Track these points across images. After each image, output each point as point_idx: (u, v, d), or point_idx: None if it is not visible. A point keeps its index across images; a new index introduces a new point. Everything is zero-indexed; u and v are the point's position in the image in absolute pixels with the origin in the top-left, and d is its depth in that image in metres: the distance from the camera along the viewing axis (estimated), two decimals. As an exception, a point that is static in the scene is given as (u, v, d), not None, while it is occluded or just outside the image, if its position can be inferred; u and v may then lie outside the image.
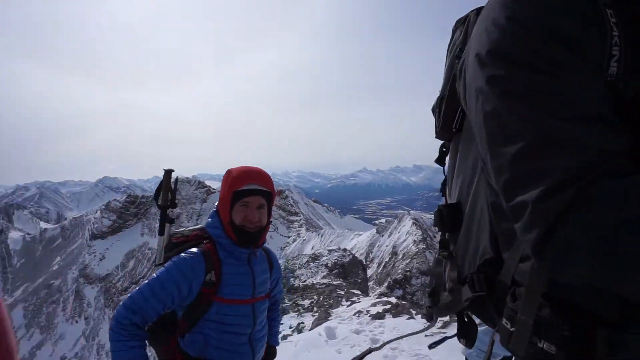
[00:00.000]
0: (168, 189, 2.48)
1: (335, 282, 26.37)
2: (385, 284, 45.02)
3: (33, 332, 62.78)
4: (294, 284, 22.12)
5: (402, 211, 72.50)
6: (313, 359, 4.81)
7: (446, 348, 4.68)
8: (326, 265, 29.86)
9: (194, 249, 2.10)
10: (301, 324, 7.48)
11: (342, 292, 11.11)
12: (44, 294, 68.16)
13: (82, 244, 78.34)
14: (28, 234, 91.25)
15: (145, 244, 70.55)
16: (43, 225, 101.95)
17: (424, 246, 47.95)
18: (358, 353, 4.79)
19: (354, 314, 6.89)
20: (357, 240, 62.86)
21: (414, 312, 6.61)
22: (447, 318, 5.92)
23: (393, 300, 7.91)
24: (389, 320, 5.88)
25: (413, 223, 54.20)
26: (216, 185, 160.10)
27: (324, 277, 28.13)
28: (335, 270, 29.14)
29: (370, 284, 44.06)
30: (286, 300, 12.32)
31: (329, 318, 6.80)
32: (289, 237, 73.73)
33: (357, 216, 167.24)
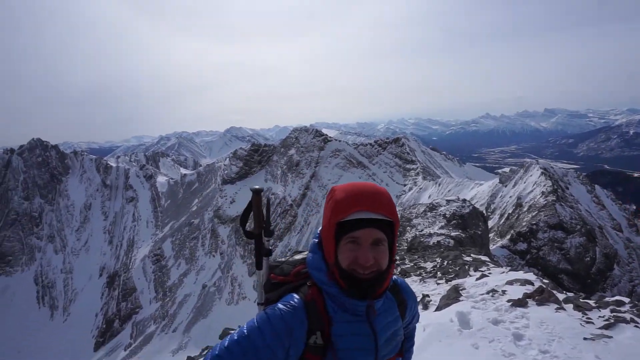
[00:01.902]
0: (259, 212, 1.89)
1: (453, 234, 25.36)
2: (508, 237, 42.38)
3: (180, 262, 72.08)
4: (414, 243, 21.62)
5: (529, 160, 66.08)
6: (446, 352, 4.30)
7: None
8: (444, 215, 28.78)
9: (294, 299, 1.55)
10: (427, 298, 6.98)
11: (469, 259, 10.26)
12: (186, 231, 77.41)
13: (215, 188, 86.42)
14: (171, 178, 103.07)
15: (269, 189, 75.32)
16: (183, 171, 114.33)
17: (554, 198, 43.58)
18: (499, 350, 4.21)
19: (487, 293, 6.15)
20: (478, 190, 59.55)
21: (561, 297, 5.68)
22: (609, 313, 4.96)
23: (531, 277, 6.92)
24: (532, 309, 5.03)
25: (542, 173, 49.46)
26: (332, 133, 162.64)
27: (441, 227, 27.21)
28: (454, 221, 27.98)
29: (490, 235, 41.79)
30: (407, 261, 11.93)
31: (460, 298, 6.15)
32: (404, 185, 72.67)
33: (477, 164, 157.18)
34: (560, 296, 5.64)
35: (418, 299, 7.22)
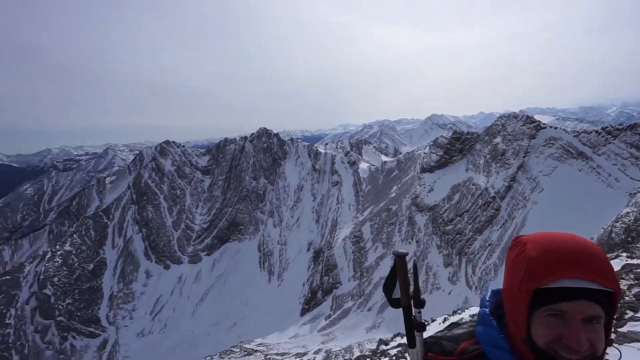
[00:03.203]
0: (406, 279, 1.52)
1: None
2: None
3: (377, 245, 74.82)
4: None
5: None
6: None
7: None
8: None
9: None
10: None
11: None
12: (384, 216, 79.73)
13: (413, 176, 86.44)
14: (372, 165, 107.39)
15: (470, 180, 71.38)
16: (383, 158, 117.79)
17: None
18: None
19: None
20: None
21: None
22: None
23: None
24: None
25: None
26: (547, 119, 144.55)
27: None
28: None
29: None
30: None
31: None
32: (643, 181, 59.49)
33: None
34: None
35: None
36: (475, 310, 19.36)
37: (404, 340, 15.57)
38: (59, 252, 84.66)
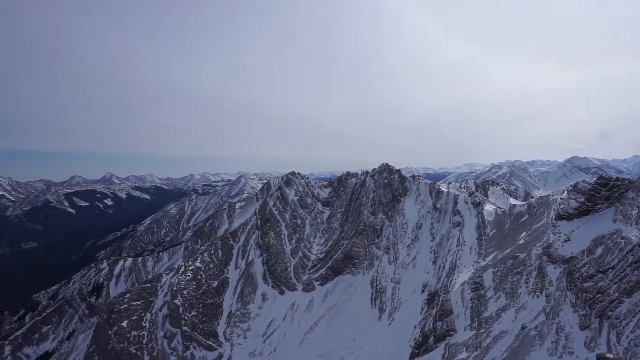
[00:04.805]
0: None
1: None
2: None
3: (500, 295, 68.57)
4: None
5: None
6: None
7: None
8: None
9: None
10: None
11: None
12: (509, 264, 73.07)
13: (547, 222, 78.40)
14: (499, 208, 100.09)
15: (618, 232, 62.15)
16: (512, 201, 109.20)
17: None
18: None
19: None
20: None
21: None
22: None
23: None
24: None
25: None
26: None
27: None
28: None
29: None
30: None
31: None
32: None
33: None
34: None
35: None
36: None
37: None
38: (190, 268, 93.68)
